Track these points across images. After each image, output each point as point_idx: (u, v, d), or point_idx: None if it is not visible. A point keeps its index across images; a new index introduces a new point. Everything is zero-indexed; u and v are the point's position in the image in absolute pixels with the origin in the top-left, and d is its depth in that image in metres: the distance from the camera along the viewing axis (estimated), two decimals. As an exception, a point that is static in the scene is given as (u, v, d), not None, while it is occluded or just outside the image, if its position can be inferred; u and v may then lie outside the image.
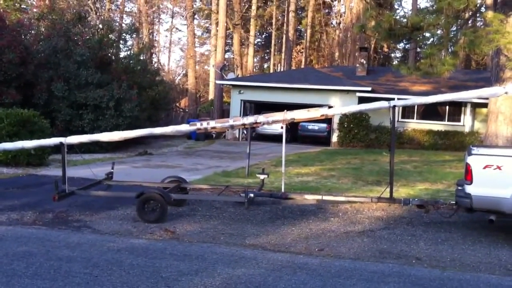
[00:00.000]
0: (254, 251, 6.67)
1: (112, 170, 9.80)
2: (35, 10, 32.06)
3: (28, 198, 9.98)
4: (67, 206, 9.15)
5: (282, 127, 8.88)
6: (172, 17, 58.90)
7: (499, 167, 7.19)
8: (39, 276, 5.43)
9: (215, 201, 9.55)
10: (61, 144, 8.70)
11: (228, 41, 47.27)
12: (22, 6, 44.33)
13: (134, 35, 37.47)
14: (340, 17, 53.07)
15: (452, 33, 16.10)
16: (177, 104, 44.71)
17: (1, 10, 24.10)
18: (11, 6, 40.15)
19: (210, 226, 8.08)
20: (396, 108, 8.44)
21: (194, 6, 47.80)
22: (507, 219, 7.50)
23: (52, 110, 20.71)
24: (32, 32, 24.04)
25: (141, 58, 27.57)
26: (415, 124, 25.42)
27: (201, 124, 8.91)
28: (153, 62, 44.79)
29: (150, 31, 51.17)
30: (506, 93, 8.29)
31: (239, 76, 41.60)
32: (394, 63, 52.00)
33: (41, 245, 6.65)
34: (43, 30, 24.44)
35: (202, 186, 10.61)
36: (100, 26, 26.93)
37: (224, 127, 9.28)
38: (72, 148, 9.32)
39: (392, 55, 59.26)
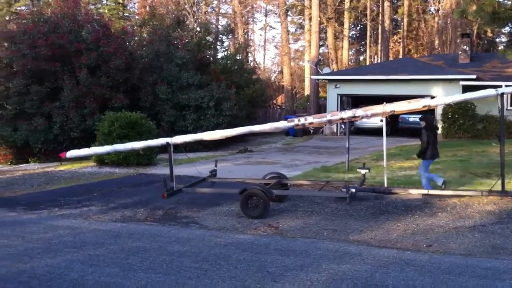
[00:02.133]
0: (359, 247, 6.60)
1: (215, 168, 10.12)
2: (137, 17, 33.90)
3: (139, 196, 10.58)
4: (175, 203, 9.58)
5: (381, 120, 8.68)
6: (266, 15, 59.49)
7: None
8: (153, 270, 5.73)
9: (316, 196, 9.54)
10: (168, 144, 9.11)
11: (322, 35, 46.97)
12: (125, 15, 46.99)
13: (230, 36, 38.35)
14: (439, 3, 50.79)
15: None
16: (274, 101, 45.14)
17: (107, 19, 25.61)
18: (115, 15, 42.73)
19: (312, 222, 8.10)
20: (505, 96, 7.97)
21: (287, 3, 47.89)
22: None
23: (157, 112, 21.72)
24: (135, 38, 25.36)
25: (238, 58, 28.18)
26: (527, 112, 23.75)
27: (299, 120, 8.94)
28: (249, 61, 45.63)
29: (245, 30, 52.10)
30: None
31: (335, 70, 41.17)
32: (499, 48, 48.82)
33: (153, 241, 7.02)
34: (145, 36, 25.71)
35: (302, 181, 10.64)
36: (198, 29, 27.89)
37: (321, 122, 9.24)
38: (178, 147, 9.74)
39: (497, 40, 55.68)
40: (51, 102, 19.98)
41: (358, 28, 61.47)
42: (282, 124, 9.44)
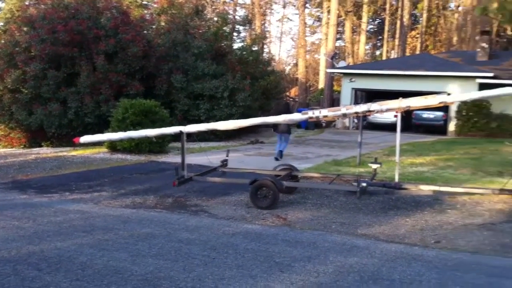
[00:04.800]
0: (366, 241, 6.60)
1: (226, 158, 10.14)
2: (155, 5, 33.88)
3: (150, 183, 10.65)
4: (185, 191, 9.64)
5: (395, 116, 8.63)
6: (284, 7, 59.44)
7: None
8: (162, 257, 5.77)
9: (326, 189, 9.53)
10: (181, 132, 9.12)
11: (339, 29, 46.71)
12: (143, 2, 47.00)
13: (247, 27, 38.30)
14: (460, -1, 50.23)
15: None
16: (287, 94, 45.05)
17: (125, 6, 25.67)
18: (134, 2, 42.74)
19: (321, 214, 8.11)
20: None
21: (306, -5, 47.70)
22: None
23: (172, 101, 21.80)
24: (153, 26, 25.42)
25: (254, 49, 28.11)
26: (543, 112, 23.46)
27: (313, 113, 8.90)
28: (265, 52, 45.50)
29: (262, 22, 51.92)
30: None
31: (350, 64, 40.96)
32: (519, 46, 48.12)
33: (163, 228, 7.07)
34: (163, 24, 25.74)
35: (313, 174, 10.63)
36: (216, 19, 27.84)
37: (336, 115, 9.21)
38: (190, 136, 9.77)
39: (517, 38, 54.88)
40: (67, 88, 20.16)
41: (376, 22, 60.98)
42: (296, 116, 9.42)
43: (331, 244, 6.41)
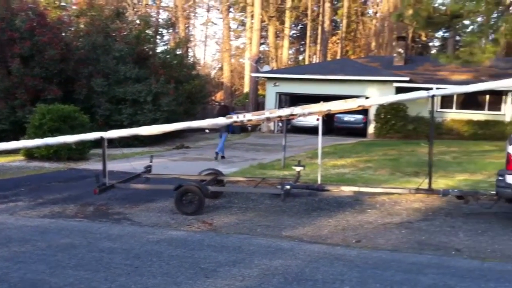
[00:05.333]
0: (290, 243, 6.69)
1: (150, 164, 9.96)
2: (74, 7, 32.80)
3: (70, 192, 10.26)
4: (107, 199, 9.37)
5: (317, 119, 8.86)
6: (208, 11, 59.23)
7: (542, 157, 6.99)
8: (82, 267, 5.57)
9: (252, 193, 9.59)
10: (102, 138, 8.86)
11: (263, 33, 47.30)
12: (61, 4, 45.29)
13: (171, 30, 37.89)
14: (377, 6, 52.40)
15: (493, 20, 15.62)
16: (213, 98, 45.01)
17: (42, 8, 24.69)
18: (52, 3, 41.12)
19: (246, 218, 8.14)
20: (435, 98, 8.30)
21: (230, -1, 47.91)
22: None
23: (92, 105, 21.16)
24: (72, 29, 24.60)
25: (178, 52, 27.87)
26: (454, 114, 24.88)
27: (238, 117, 8.95)
28: (189, 56, 45.22)
29: (186, 25, 51.61)
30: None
31: (274, 68, 41.54)
32: (432, 52, 50.81)
33: (83, 237, 6.83)
34: (82, 26, 24.98)
35: (238, 178, 10.67)
36: (138, 21, 27.36)
37: (260, 119, 9.29)
38: (112, 142, 9.51)
39: (430, 44, 57.97)
40: (-22, 92, 19.12)
41: (298, 27, 62.24)
42: (221, 120, 9.39)
43: (256, 247, 6.45)
